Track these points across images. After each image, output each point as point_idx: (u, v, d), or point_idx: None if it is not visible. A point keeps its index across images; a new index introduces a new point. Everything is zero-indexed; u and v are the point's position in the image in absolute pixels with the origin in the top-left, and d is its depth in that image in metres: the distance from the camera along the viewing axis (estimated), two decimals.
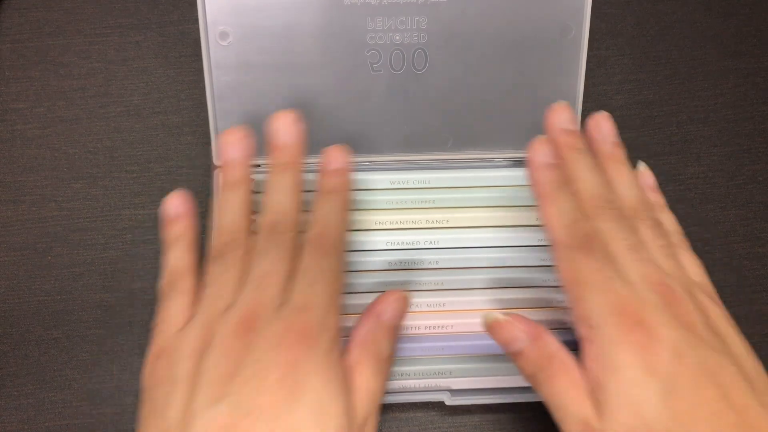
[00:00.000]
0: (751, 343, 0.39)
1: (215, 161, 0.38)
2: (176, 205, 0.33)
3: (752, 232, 0.41)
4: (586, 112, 0.41)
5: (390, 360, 0.31)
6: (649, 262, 0.29)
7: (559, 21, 0.36)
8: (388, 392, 0.35)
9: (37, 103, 0.40)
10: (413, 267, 0.37)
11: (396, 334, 0.32)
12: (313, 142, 0.37)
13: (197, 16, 0.35)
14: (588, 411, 0.27)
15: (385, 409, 0.37)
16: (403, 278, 0.36)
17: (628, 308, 0.28)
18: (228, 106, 0.37)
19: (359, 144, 0.37)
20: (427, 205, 0.37)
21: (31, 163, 0.40)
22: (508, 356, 0.31)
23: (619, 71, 0.42)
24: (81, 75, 0.41)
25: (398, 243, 0.37)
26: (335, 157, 0.34)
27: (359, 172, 0.38)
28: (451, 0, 0.36)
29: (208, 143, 0.38)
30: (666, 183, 0.41)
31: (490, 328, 0.31)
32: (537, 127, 0.37)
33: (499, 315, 0.31)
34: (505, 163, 0.39)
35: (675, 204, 0.41)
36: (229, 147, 0.33)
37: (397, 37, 0.36)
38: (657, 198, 0.36)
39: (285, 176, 0.32)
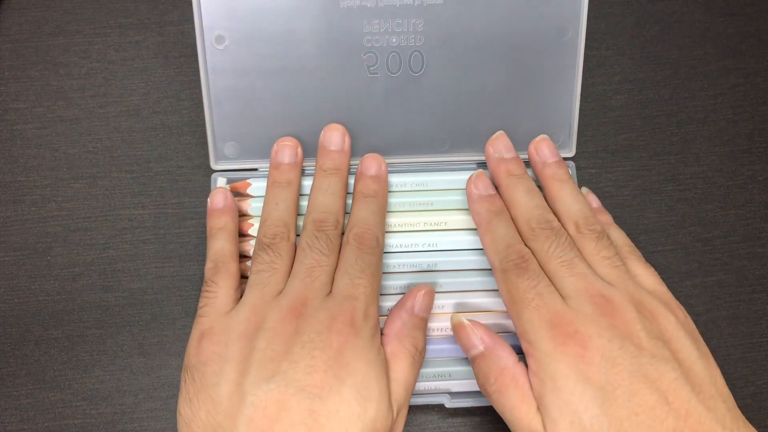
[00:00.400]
0: (751, 343, 0.39)
1: (213, 165, 0.38)
2: (222, 199, 0.36)
3: (752, 232, 0.41)
4: (586, 113, 0.41)
5: (423, 353, 0.33)
6: (586, 275, 0.30)
7: (555, 22, 0.36)
8: None
9: (37, 103, 0.41)
10: (411, 270, 0.37)
11: (426, 326, 0.34)
12: (311, 145, 0.37)
13: None
14: (537, 425, 0.28)
15: None
16: (402, 281, 0.36)
17: (561, 321, 0.29)
18: (225, 110, 0.37)
19: (356, 147, 0.37)
20: (424, 208, 0.37)
21: (31, 163, 0.40)
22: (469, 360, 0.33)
23: (619, 71, 0.42)
24: (81, 75, 0.41)
25: (396, 246, 0.37)
26: (373, 164, 0.36)
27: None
28: (448, 2, 0.35)
29: (208, 144, 0.38)
30: (666, 183, 0.41)
31: (454, 329, 0.33)
32: (535, 129, 0.38)
33: (463, 318, 0.33)
34: None
35: (675, 204, 0.41)
36: (281, 152, 0.36)
37: (394, 40, 0.36)
38: (604, 218, 0.37)
39: (333, 180, 0.35)
